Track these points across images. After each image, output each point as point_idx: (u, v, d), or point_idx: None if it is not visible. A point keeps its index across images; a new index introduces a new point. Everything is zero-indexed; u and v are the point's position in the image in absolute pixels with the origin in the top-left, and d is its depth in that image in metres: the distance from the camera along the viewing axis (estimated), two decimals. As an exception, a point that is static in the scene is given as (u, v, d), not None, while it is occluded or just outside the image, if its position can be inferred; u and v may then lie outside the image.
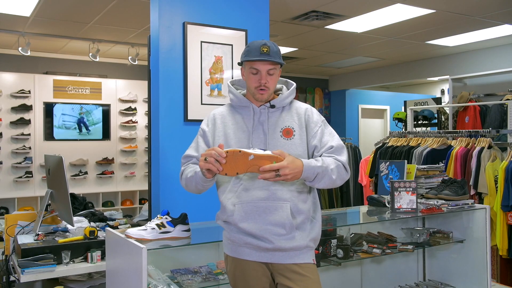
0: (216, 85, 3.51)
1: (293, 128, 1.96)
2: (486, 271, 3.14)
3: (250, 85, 1.96)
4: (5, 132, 6.61)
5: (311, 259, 1.94)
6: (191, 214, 2.32)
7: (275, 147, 1.89)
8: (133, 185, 7.56)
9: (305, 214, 1.92)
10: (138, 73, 7.62)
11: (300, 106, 2.03)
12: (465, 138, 4.41)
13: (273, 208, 1.87)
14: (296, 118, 1.98)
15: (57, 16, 5.29)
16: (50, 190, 3.08)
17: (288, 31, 5.98)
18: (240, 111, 2.01)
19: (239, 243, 1.92)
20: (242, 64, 1.99)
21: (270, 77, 1.93)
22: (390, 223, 3.23)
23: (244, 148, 1.79)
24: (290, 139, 1.93)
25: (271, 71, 1.93)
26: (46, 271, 2.47)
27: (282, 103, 1.98)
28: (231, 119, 1.99)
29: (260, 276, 1.92)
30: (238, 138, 1.94)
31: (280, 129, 1.94)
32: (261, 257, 1.90)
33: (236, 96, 2.01)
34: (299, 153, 1.92)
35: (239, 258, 1.94)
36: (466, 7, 5.02)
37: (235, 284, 1.98)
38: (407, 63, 8.39)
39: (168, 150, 3.32)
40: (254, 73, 1.93)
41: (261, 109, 1.97)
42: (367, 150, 6.57)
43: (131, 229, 2.17)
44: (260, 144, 1.92)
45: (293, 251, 1.89)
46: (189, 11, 3.44)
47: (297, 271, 1.88)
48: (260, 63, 1.91)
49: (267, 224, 1.86)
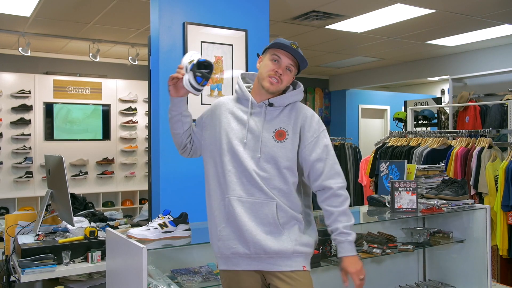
0: (216, 85, 3.51)
1: (287, 131, 1.90)
2: (486, 271, 3.14)
3: (264, 70, 1.91)
4: (5, 132, 6.61)
5: (301, 265, 1.86)
6: (191, 214, 2.32)
7: (265, 148, 1.86)
8: (133, 185, 7.56)
9: (293, 216, 1.88)
10: (138, 73, 7.62)
11: (301, 109, 1.95)
12: (465, 138, 4.41)
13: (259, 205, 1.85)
14: (293, 121, 1.91)
15: (57, 16, 5.29)
16: (50, 190, 3.08)
17: (288, 31, 5.98)
18: (241, 103, 1.98)
19: (227, 253, 1.88)
20: (264, 52, 1.96)
21: (286, 72, 1.91)
22: (390, 223, 3.23)
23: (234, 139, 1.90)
24: (282, 142, 1.88)
25: (291, 67, 1.91)
26: (46, 271, 2.48)
27: (281, 103, 1.92)
28: (231, 109, 1.96)
29: (254, 283, 1.89)
30: (231, 128, 1.91)
31: (273, 130, 1.90)
32: (250, 265, 1.87)
33: (241, 88, 1.98)
34: (289, 156, 1.87)
35: (231, 270, 1.90)
36: (466, 7, 5.02)
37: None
38: (407, 63, 8.39)
39: (168, 150, 3.32)
40: (275, 59, 1.90)
41: (260, 105, 1.93)
42: (367, 150, 6.57)
43: (133, 229, 2.17)
44: (255, 141, 1.88)
45: (279, 257, 1.83)
46: (189, 11, 3.44)
47: (288, 275, 1.85)
48: (284, 54, 1.89)
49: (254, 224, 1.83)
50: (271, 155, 1.86)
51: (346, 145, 6.30)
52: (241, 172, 1.85)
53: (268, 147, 1.87)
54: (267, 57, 1.93)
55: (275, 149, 1.87)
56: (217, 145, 1.92)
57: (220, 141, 1.91)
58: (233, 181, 1.85)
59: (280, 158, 1.86)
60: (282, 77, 1.89)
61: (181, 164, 3.29)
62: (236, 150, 1.87)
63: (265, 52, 1.96)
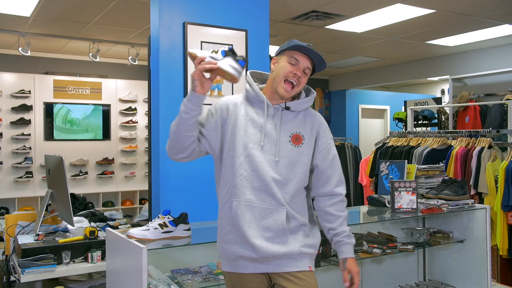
0: (216, 85, 3.51)
1: (303, 136, 1.89)
2: (486, 271, 3.14)
3: (280, 72, 1.85)
4: (5, 132, 6.61)
5: (307, 266, 1.88)
6: (191, 214, 2.32)
7: (283, 152, 1.85)
8: (133, 185, 7.56)
9: (301, 222, 1.89)
10: (138, 73, 7.63)
11: (316, 116, 1.96)
12: (465, 138, 4.41)
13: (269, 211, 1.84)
14: (309, 127, 1.91)
15: (57, 16, 5.29)
16: (50, 190, 3.08)
17: (288, 31, 5.98)
18: (253, 105, 1.91)
19: (233, 257, 1.87)
20: (279, 54, 1.90)
21: (304, 74, 1.87)
22: (390, 223, 3.23)
23: (254, 143, 1.85)
24: (299, 146, 1.88)
25: (307, 71, 1.87)
26: (46, 271, 2.47)
27: (297, 107, 1.90)
28: (243, 110, 1.90)
29: (259, 283, 1.88)
30: (246, 131, 1.85)
31: (290, 134, 1.88)
32: (257, 268, 1.86)
33: (254, 88, 1.90)
34: (305, 161, 1.89)
35: (236, 273, 1.89)
36: (466, 7, 5.02)
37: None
38: (407, 63, 8.39)
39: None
40: (293, 63, 1.85)
41: (275, 107, 1.89)
42: (367, 150, 6.57)
43: (133, 229, 2.17)
44: (272, 145, 1.85)
45: (286, 258, 1.84)
46: (189, 11, 3.44)
47: (294, 275, 1.86)
48: (303, 56, 1.85)
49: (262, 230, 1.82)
50: (288, 159, 1.86)
51: (346, 145, 6.29)
52: (254, 176, 1.82)
53: (286, 151, 1.86)
54: (284, 59, 1.87)
55: (292, 153, 1.86)
56: (230, 147, 1.86)
57: (233, 143, 1.85)
58: (244, 186, 1.82)
59: (297, 162, 1.87)
60: (300, 79, 1.86)
61: (181, 164, 3.28)
62: (252, 154, 1.83)
63: (280, 54, 1.90)
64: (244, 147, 1.84)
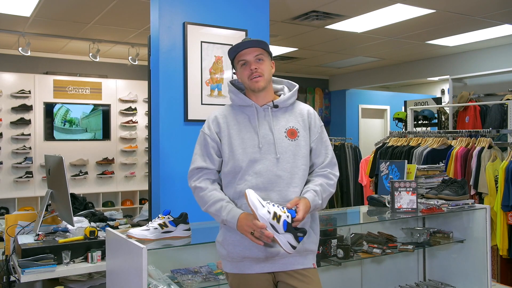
0: (216, 85, 3.51)
1: (297, 129, 1.95)
2: (486, 271, 3.14)
3: (243, 78, 1.94)
4: (5, 132, 6.61)
5: (311, 263, 1.92)
6: (191, 214, 2.32)
7: (281, 148, 1.89)
8: (133, 185, 7.56)
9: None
10: (138, 73, 7.62)
11: (303, 107, 2.03)
12: (465, 138, 4.41)
13: None
14: (300, 119, 1.97)
15: (57, 16, 5.29)
16: (50, 190, 3.08)
17: (288, 31, 5.98)
18: (242, 110, 1.98)
19: (238, 258, 1.88)
20: (233, 65, 2.00)
21: (259, 63, 1.92)
22: (390, 223, 3.23)
23: (253, 153, 1.87)
24: (295, 140, 1.93)
25: (260, 56, 1.92)
26: (46, 271, 2.47)
27: (285, 104, 1.98)
28: (233, 120, 1.96)
29: (264, 281, 1.89)
30: (242, 138, 1.91)
31: (284, 130, 1.93)
32: (263, 268, 1.87)
33: (237, 95, 1.98)
34: (304, 153, 1.93)
35: (241, 273, 1.90)
36: (466, 7, 5.02)
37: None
38: (407, 63, 8.39)
39: (168, 150, 3.32)
40: (243, 63, 1.93)
41: (264, 108, 1.95)
42: (367, 150, 6.57)
43: (133, 229, 2.17)
44: (270, 144, 1.89)
45: (292, 256, 1.86)
46: (189, 11, 3.44)
47: (299, 272, 1.88)
48: (246, 52, 1.91)
49: None
50: (288, 154, 1.90)
51: (346, 145, 6.30)
52: (258, 178, 1.86)
53: (284, 147, 1.90)
54: (237, 67, 1.97)
55: (291, 147, 1.91)
56: (230, 156, 1.91)
57: (233, 152, 1.90)
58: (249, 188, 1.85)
59: (297, 155, 1.91)
60: (259, 71, 1.91)
61: (181, 164, 3.29)
62: (253, 158, 1.88)
63: (233, 65, 2.00)
64: (244, 153, 1.88)
